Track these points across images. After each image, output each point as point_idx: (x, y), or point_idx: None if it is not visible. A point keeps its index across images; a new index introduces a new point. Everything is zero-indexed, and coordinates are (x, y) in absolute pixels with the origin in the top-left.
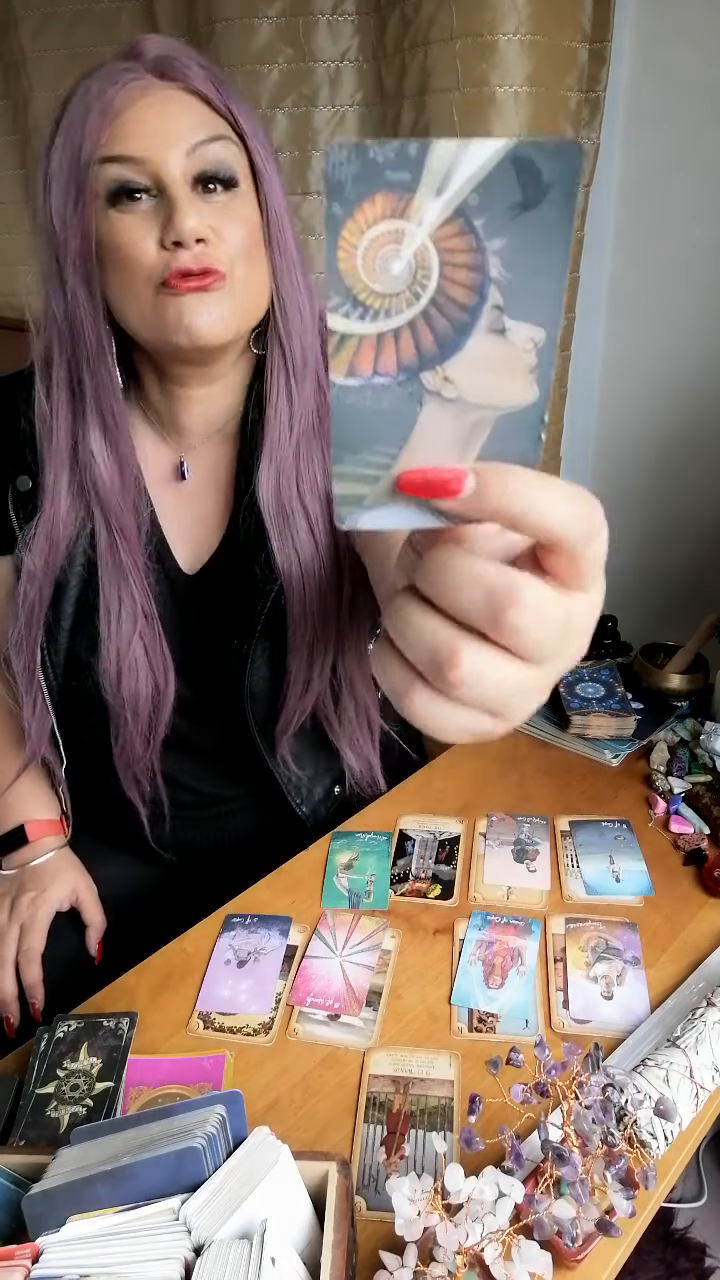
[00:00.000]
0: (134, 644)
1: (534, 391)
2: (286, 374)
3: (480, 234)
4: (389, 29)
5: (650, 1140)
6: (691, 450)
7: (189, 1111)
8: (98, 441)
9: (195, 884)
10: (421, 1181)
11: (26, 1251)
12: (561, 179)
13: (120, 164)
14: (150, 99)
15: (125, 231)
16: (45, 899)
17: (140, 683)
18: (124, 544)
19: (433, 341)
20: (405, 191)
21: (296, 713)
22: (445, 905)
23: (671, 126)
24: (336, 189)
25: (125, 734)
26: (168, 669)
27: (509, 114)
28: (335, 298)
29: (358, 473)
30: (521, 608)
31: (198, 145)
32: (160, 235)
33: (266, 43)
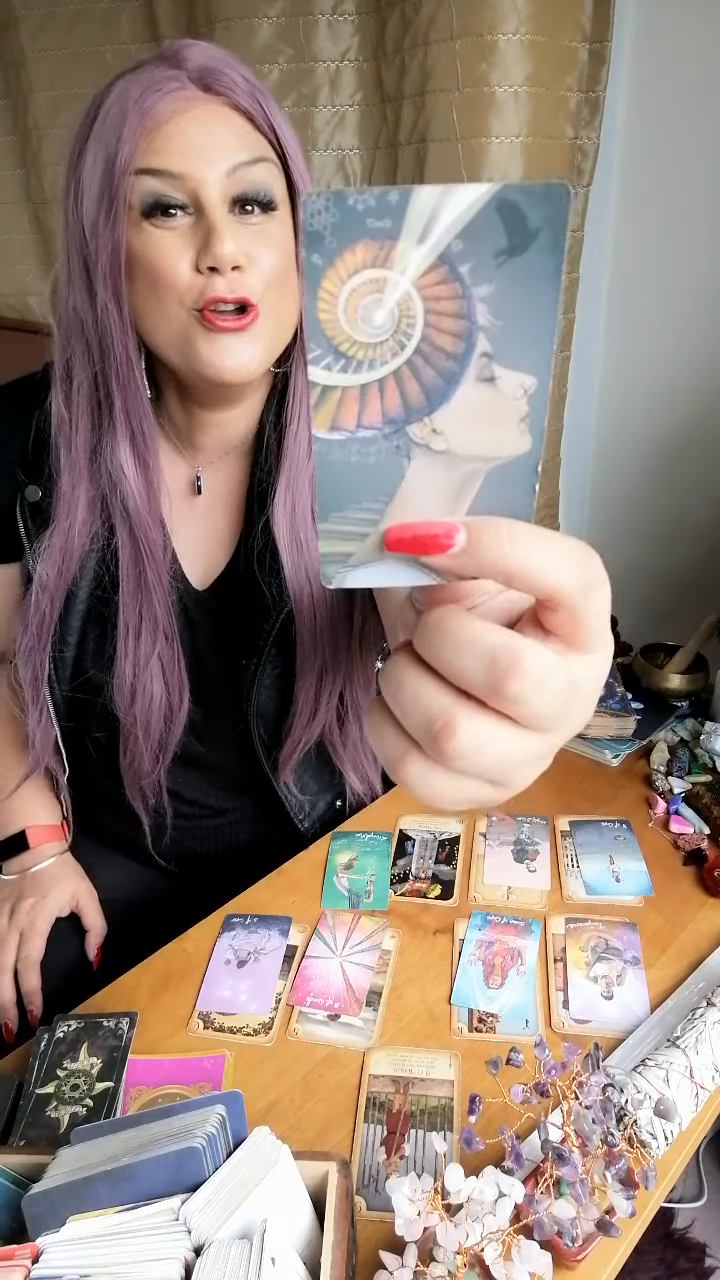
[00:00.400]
0: (152, 663)
1: (526, 441)
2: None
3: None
4: (389, 29)
5: (650, 1140)
6: (691, 450)
7: (189, 1111)
8: (126, 456)
9: (194, 889)
10: (421, 1181)
11: (26, 1251)
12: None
13: (158, 177)
14: (194, 113)
15: (159, 249)
16: (45, 905)
17: (155, 702)
18: (150, 561)
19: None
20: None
21: (302, 740)
22: (445, 905)
23: (671, 126)
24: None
25: (135, 750)
26: (183, 689)
27: (509, 114)
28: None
29: (343, 530)
30: (524, 675)
31: (239, 167)
32: (195, 257)
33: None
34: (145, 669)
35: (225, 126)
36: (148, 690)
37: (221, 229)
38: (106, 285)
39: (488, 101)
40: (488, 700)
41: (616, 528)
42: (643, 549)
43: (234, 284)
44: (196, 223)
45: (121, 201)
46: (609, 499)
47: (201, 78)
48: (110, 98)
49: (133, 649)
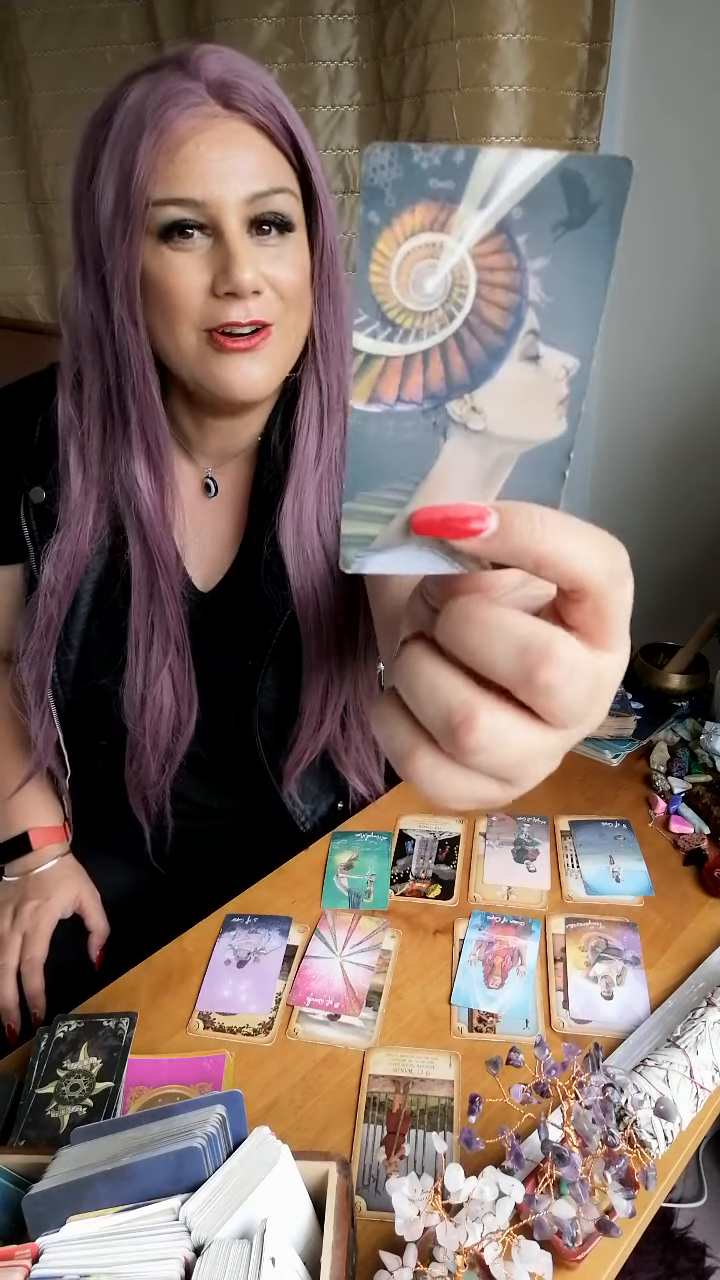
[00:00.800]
0: (163, 675)
1: (562, 425)
2: (320, 410)
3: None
4: (389, 29)
5: (650, 1140)
6: (691, 450)
7: (189, 1111)
8: (142, 470)
9: (193, 889)
10: (421, 1181)
11: (26, 1251)
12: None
13: (177, 204)
14: (213, 135)
15: (176, 273)
16: (48, 908)
17: (164, 713)
18: (163, 573)
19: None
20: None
21: (308, 751)
22: (445, 905)
23: (671, 126)
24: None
25: (141, 760)
26: (193, 700)
27: (509, 114)
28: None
29: (369, 510)
30: (557, 664)
31: (258, 196)
32: (213, 281)
33: (266, 43)
34: (156, 680)
35: (246, 150)
36: (158, 701)
37: (241, 256)
38: (122, 301)
39: (488, 101)
40: (516, 690)
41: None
42: (643, 549)
43: (250, 309)
44: (214, 246)
45: (138, 222)
46: (609, 499)
47: (221, 92)
48: (126, 102)
49: (144, 660)
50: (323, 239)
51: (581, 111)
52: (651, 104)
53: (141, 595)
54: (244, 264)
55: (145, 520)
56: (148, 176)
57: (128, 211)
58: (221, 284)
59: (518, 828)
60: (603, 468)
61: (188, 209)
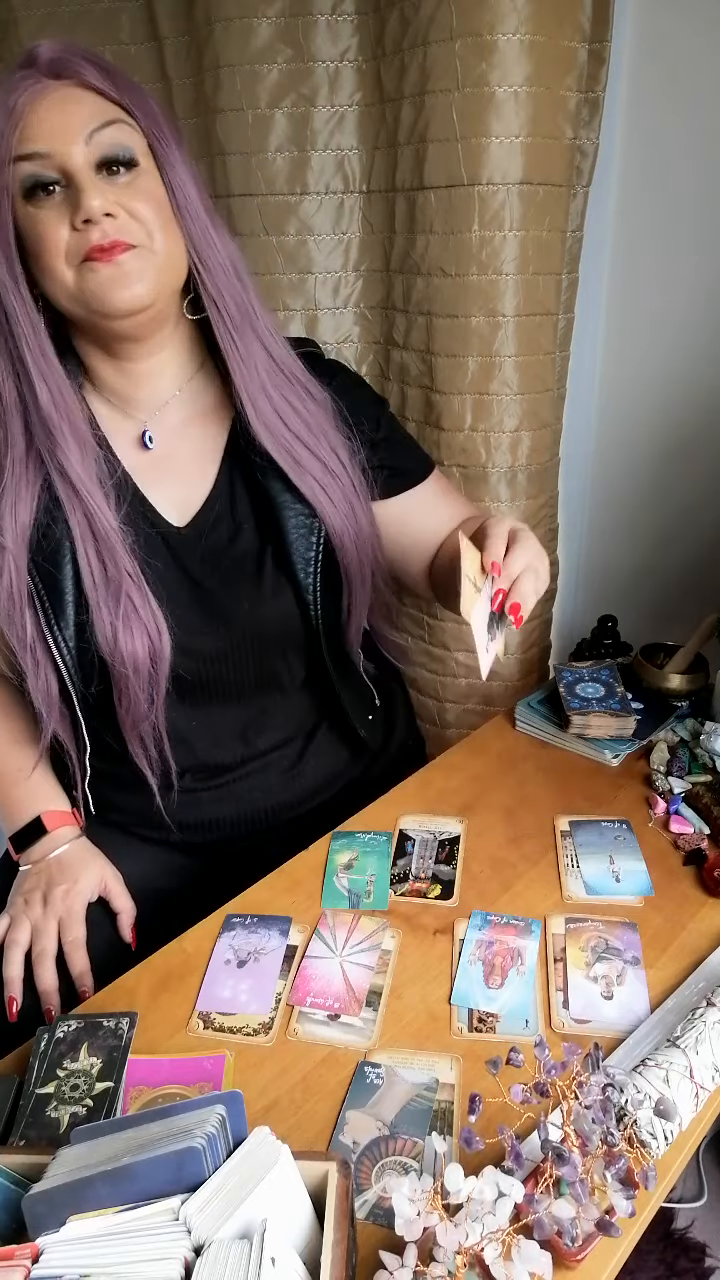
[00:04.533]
0: (123, 603)
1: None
2: (228, 326)
3: None
4: (388, 29)
5: (650, 1140)
6: (691, 450)
7: (189, 1111)
8: (50, 416)
9: (220, 871)
10: (421, 1181)
11: (26, 1251)
12: None
13: (30, 161)
14: (49, 98)
15: (41, 223)
16: (78, 890)
17: (136, 641)
18: (98, 510)
19: None
20: None
21: (362, 612)
22: (445, 905)
23: (672, 126)
24: None
25: (129, 694)
26: (160, 624)
27: (508, 114)
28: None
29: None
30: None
31: (94, 131)
32: (71, 218)
33: (266, 43)
34: (119, 612)
35: (77, 103)
36: (127, 632)
37: (89, 187)
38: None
39: (487, 101)
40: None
41: (616, 528)
42: (643, 549)
43: (108, 230)
44: (69, 193)
45: (5, 190)
46: (609, 499)
47: (51, 67)
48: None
49: (104, 596)
50: (170, 176)
51: (581, 111)
52: (651, 104)
53: (85, 535)
54: (91, 192)
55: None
56: (5, 149)
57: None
58: (77, 216)
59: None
60: (603, 468)
61: (39, 163)
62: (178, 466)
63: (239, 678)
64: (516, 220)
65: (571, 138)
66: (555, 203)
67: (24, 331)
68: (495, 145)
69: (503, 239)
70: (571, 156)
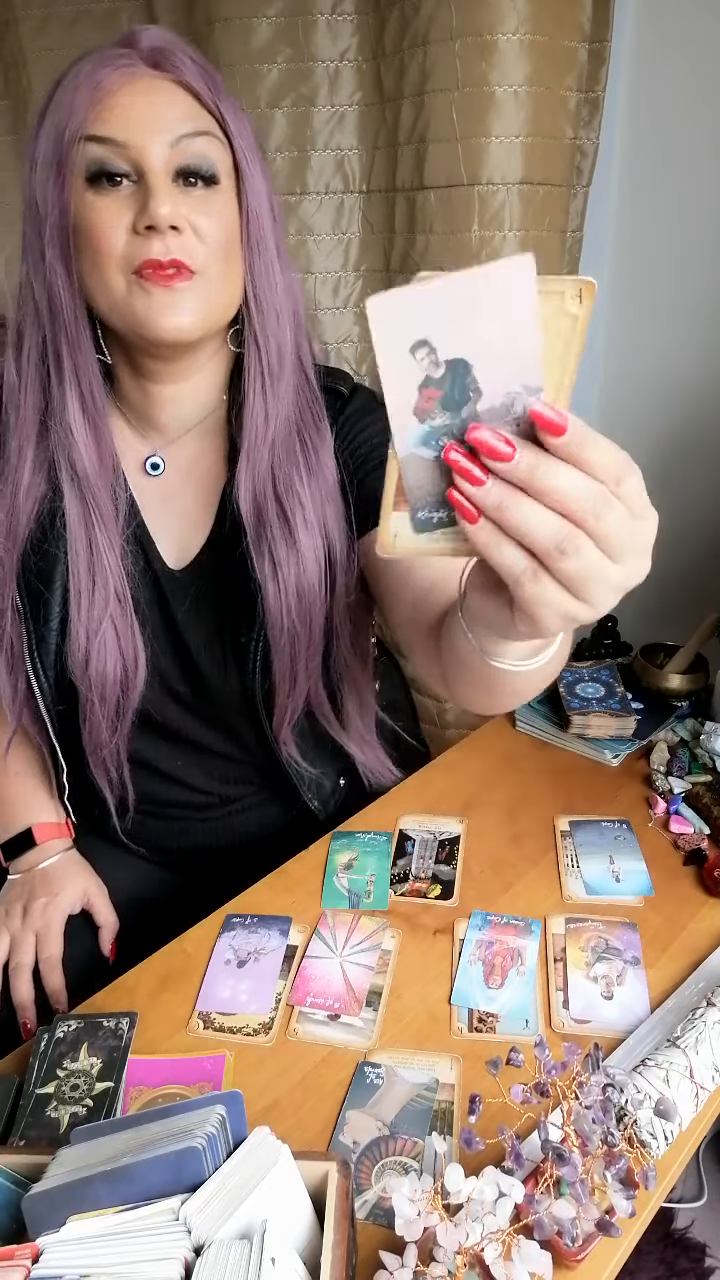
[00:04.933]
0: (105, 625)
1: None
2: (262, 374)
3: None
4: (388, 29)
5: (650, 1140)
6: (691, 450)
7: (189, 1111)
8: (76, 417)
9: (204, 885)
10: (421, 1181)
11: (26, 1251)
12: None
13: (102, 145)
14: (140, 85)
15: (100, 214)
16: (57, 904)
17: (109, 665)
18: (100, 522)
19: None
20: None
21: (288, 710)
22: (445, 905)
23: (671, 126)
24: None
25: (92, 718)
26: (138, 653)
27: (508, 114)
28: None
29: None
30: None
31: (182, 138)
32: (134, 220)
33: (266, 42)
34: (98, 633)
35: (170, 100)
36: (101, 652)
37: (161, 192)
38: (54, 248)
39: (487, 101)
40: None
41: None
42: None
43: (171, 246)
44: (138, 190)
45: (69, 167)
46: None
47: (151, 55)
48: (67, 77)
49: (85, 613)
50: (248, 203)
51: (581, 111)
52: (651, 104)
53: (79, 547)
54: (162, 198)
55: (80, 470)
56: (79, 124)
57: (60, 157)
58: (141, 219)
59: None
60: None
61: (111, 149)
62: (183, 502)
63: (202, 728)
64: (516, 220)
65: (571, 137)
66: (555, 203)
67: (67, 320)
68: (495, 145)
69: (503, 239)
70: (571, 156)
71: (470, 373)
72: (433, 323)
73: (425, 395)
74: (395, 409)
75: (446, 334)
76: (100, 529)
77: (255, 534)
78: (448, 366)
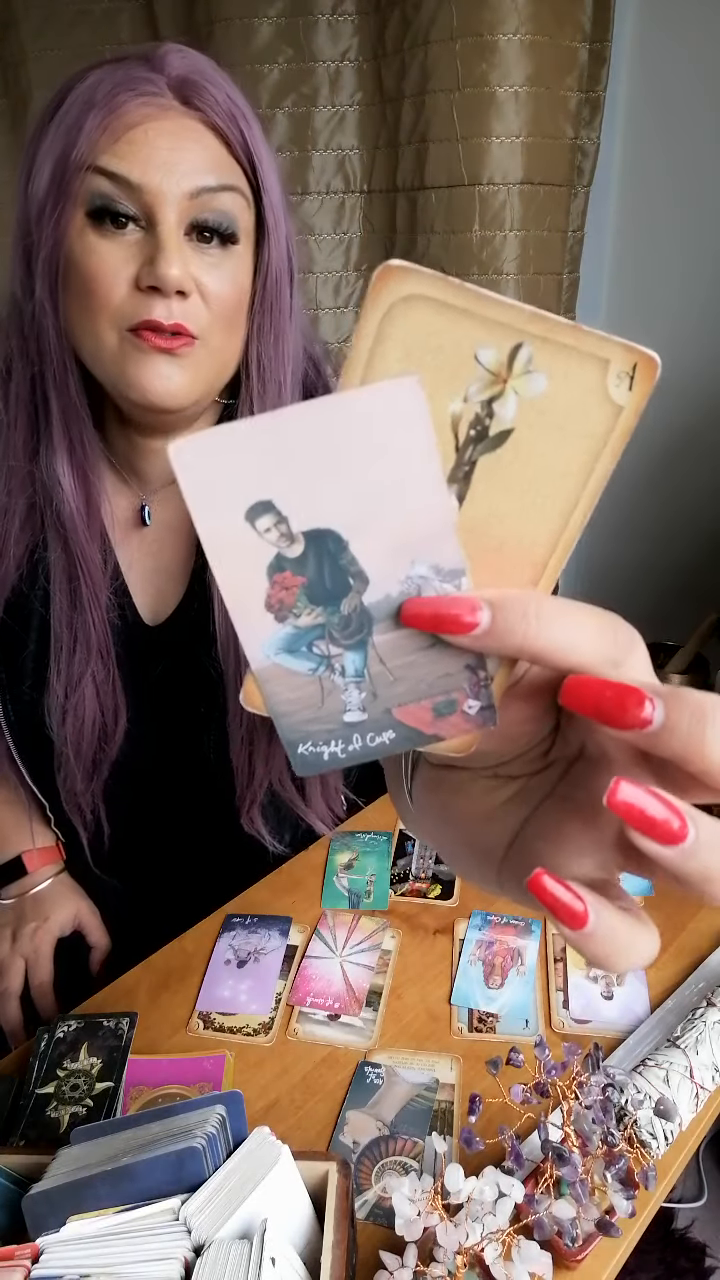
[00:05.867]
0: (84, 683)
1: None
2: None
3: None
4: (389, 29)
5: (650, 1140)
6: (691, 450)
7: (189, 1111)
8: (64, 467)
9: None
10: (421, 1181)
11: (26, 1251)
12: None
13: (113, 181)
14: (165, 124)
15: (100, 260)
16: (47, 928)
17: (86, 722)
18: (85, 575)
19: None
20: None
21: (248, 800)
22: (445, 905)
23: (671, 126)
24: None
25: (67, 769)
26: (119, 709)
27: (509, 114)
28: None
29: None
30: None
31: (204, 191)
32: (137, 273)
33: (266, 43)
34: (77, 689)
35: (196, 144)
36: (79, 711)
37: (172, 249)
38: (44, 283)
39: (488, 101)
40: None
41: (616, 527)
42: (643, 549)
43: (174, 310)
44: (145, 238)
45: (70, 196)
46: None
47: (181, 88)
48: (83, 84)
49: (65, 667)
50: (269, 263)
51: (581, 111)
52: (651, 104)
53: (63, 600)
54: (173, 257)
55: (67, 522)
56: (87, 151)
57: (61, 184)
58: (146, 276)
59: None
60: None
61: (122, 190)
62: (163, 557)
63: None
64: (517, 220)
65: (572, 138)
66: (556, 203)
67: (55, 364)
68: (496, 145)
69: (503, 239)
70: (572, 156)
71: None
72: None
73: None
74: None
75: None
76: (85, 582)
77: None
78: (308, 541)
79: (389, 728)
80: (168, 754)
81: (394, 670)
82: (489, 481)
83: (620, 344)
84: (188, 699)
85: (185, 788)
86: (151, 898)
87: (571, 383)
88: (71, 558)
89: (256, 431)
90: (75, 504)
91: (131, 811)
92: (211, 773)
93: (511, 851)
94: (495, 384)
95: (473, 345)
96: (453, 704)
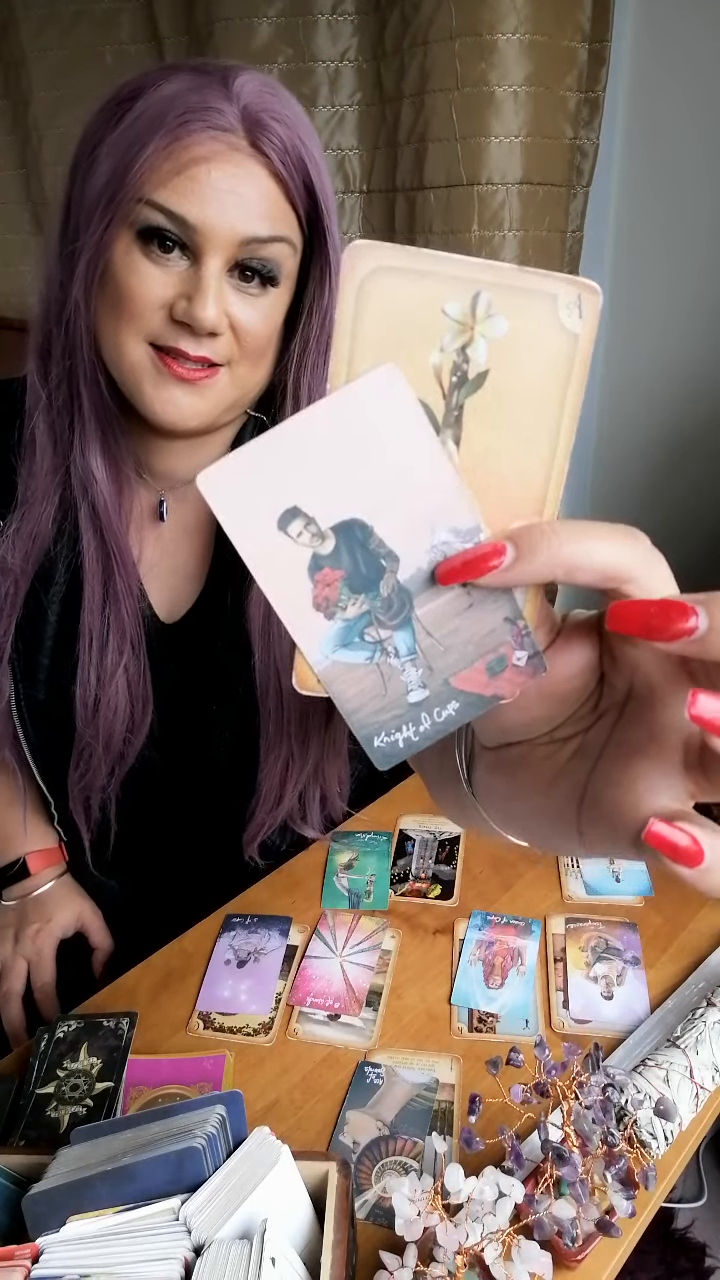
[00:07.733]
0: (118, 675)
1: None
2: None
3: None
4: (388, 29)
5: (650, 1140)
6: (691, 451)
7: (189, 1111)
8: (97, 458)
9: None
10: (421, 1181)
11: (26, 1251)
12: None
13: (167, 216)
14: (227, 166)
15: (140, 280)
16: (49, 930)
17: (118, 714)
18: (120, 567)
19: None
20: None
21: (265, 825)
22: (445, 905)
23: (671, 126)
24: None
25: (90, 762)
26: (147, 701)
27: (508, 114)
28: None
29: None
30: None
31: (254, 240)
32: (174, 302)
33: (266, 43)
34: (111, 680)
35: (255, 190)
36: (112, 703)
37: (209, 291)
38: (81, 285)
39: (487, 101)
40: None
41: None
42: None
43: (202, 344)
44: (189, 269)
45: (121, 213)
46: (609, 499)
47: (251, 127)
48: (158, 90)
49: (97, 659)
50: (326, 305)
51: (581, 111)
52: (651, 104)
53: (96, 591)
54: (209, 301)
55: (102, 514)
56: (145, 174)
57: (114, 198)
58: (181, 311)
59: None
60: (603, 468)
61: (176, 224)
62: (179, 557)
63: (172, 789)
64: (516, 220)
65: (571, 138)
66: (555, 203)
67: (86, 361)
68: (495, 145)
69: (502, 239)
70: (571, 156)
71: (371, 534)
72: (294, 483)
73: (321, 581)
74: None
75: (318, 493)
76: (120, 573)
77: (262, 648)
78: (337, 535)
79: (451, 699)
80: (179, 752)
81: (442, 640)
82: (478, 421)
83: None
84: (201, 697)
85: (193, 786)
86: (150, 898)
87: (528, 319)
88: (107, 549)
89: (269, 447)
90: (109, 495)
91: (138, 808)
92: (220, 772)
93: (584, 807)
94: (464, 332)
95: (439, 301)
96: (502, 660)
